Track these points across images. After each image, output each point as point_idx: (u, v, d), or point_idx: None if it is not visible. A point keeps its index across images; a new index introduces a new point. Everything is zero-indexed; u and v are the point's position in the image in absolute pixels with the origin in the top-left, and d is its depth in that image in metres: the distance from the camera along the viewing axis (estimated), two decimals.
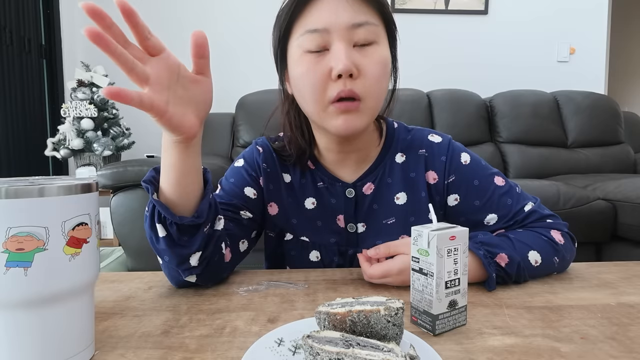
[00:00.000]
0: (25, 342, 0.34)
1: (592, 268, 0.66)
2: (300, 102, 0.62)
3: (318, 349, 0.32)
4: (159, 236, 0.51)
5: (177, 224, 0.50)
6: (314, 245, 0.70)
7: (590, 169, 2.30)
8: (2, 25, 2.08)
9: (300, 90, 0.59)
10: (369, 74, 0.56)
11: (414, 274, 0.45)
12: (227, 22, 2.62)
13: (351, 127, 0.58)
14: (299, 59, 0.58)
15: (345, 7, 0.55)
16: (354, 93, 0.56)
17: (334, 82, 0.56)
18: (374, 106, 0.59)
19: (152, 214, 0.50)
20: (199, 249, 0.52)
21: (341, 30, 0.55)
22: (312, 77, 0.57)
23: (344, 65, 0.54)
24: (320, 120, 0.60)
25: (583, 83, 2.72)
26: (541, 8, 2.78)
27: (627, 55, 4.50)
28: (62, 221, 0.34)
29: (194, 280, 0.56)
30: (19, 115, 2.21)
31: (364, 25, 0.56)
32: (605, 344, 0.41)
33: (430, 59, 2.72)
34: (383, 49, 0.59)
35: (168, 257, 0.52)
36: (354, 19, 0.55)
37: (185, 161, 0.49)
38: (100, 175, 1.48)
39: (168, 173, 0.50)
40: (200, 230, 0.52)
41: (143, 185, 0.52)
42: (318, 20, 0.56)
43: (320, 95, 0.57)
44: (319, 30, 0.55)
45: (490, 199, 0.66)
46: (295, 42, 0.58)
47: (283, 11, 0.59)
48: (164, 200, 0.51)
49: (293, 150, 0.68)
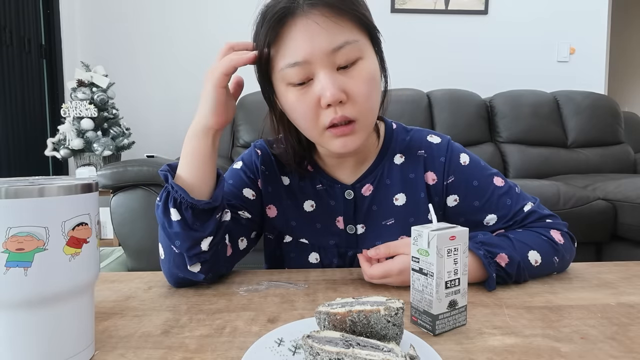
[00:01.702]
0: (25, 342, 0.34)
1: (592, 268, 0.66)
2: (293, 123, 0.61)
3: (318, 349, 0.32)
4: (172, 220, 0.53)
5: (192, 208, 0.53)
6: (313, 247, 0.70)
7: (590, 169, 2.30)
8: (2, 25, 2.08)
9: (293, 118, 0.59)
10: (359, 95, 0.55)
11: (414, 274, 0.45)
12: (222, 24, 2.62)
13: (350, 147, 0.57)
14: (285, 91, 0.56)
15: (319, 33, 0.52)
16: (346, 118, 0.55)
17: (324, 110, 0.55)
18: (369, 123, 0.59)
19: (165, 200, 0.54)
20: (211, 234, 0.55)
21: (321, 57, 0.53)
22: (303, 107, 0.56)
23: (331, 94, 0.52)
24: (318, 142, 0.61)
25: (583, 83, 2.72)
26: (541, 8, 2.78)
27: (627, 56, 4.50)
28: (62, 221, 0.34)
29: (197, 270, 0.56)
30: (19, 115, 2.21)
31: (344, 46, 0.53)
32: (605, 344, 0.41)
33: (430, 59, 2.72)
34: (369, 62, 0.56)
35: (180, 241, 0.54)
36: (331, 44, 0.53)
37: (210, 147, 0.57)
38: (100, 175, 1.48)
39: (191, 157, 0.56)
40: (213, 216, 0.56)
41: (160, 174, 0.56)
42: (295, 53, 0.53)
43: (314, 123, 0.56)
44: (299, 62, 0.53)
45: (490, 200, 0.66)
46: (278, 74, 0.56)
47: (258, 43, 0.56)
48: (182, 185, 0.55)
49: (291, 156, 0.67)
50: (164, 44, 2.61)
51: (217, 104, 0.56)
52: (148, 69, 2.62)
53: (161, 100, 2.63)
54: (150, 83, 2.63)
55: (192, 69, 2.61)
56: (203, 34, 2.62)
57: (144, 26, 2.60)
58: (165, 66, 2.62)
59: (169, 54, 2.62)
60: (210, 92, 0.55)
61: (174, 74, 2.62)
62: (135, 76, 2.60)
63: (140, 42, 2.60)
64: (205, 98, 0.56)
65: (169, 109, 2.63)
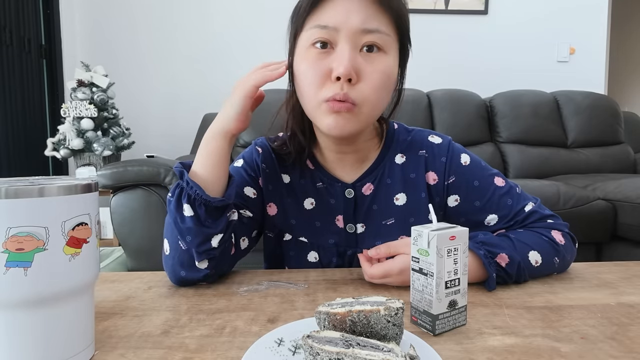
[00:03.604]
0: (25, 342, 0.34)
1: (592, 268, 0.66)
2: (298, 95, 0.62)
3: (318, 349, 0.32)
4: (185, 216, 0.55)
5: (206, 205, 0.55)
6: (312, 245, 0.70)
7: (590, 169, 2.30)
8: (2, 25, 2.08)
9: (299, 83, 0.60)
10: (369, 81, 0.56)
11: (414, 274, 0.45)
12: (225, 22, 2.62)
13: (340, 127, 0.57)
14: (305, 52, 0.58)
15: (359, 10, 0.55)
16: (348, 98, 0.55)
17: (332, 83, 0.56)
18: (368, 113, 0.58)
19: (179, 196, 0.55)
20: (221, 231, 0.57)
21: (350, 32, 0.55)
22: (313, 73, 0.57)
23: (344, 68, 0.54)
24: (312, 116, 0.61)
25: (583, 83, 2.71)
26: (541, 8, 2.78)
27: (627, 55, 4.50)
28: (62, 221, 0.34)
29: (204, 267, 0.57)
30: (19, 115, 2.21)
31: (374, 32, 0.55)
32: (605, 344, 0.41)
33: (430, 59, 2.71)
34: (390, 59, 0.58)
35: (191, 237, 0.55)
36: (365, 24, 0.55)
37: (226, 149, 0.60)
38: (100, 175, 1.48)
39: (207, 157, 0.58)
40: (225, 214, 0.57)
41: (176, 171, 0.58)
42: (330, 18, 0.56)
43: (316, 93, 0.57)
44: (329, 27, 0.55)
45: (491, 200, 0.66)
46: (305, 34, 0.58)
47: (300, 4, 0.59)
48: (197, 182, 0.56)
49: (292, 147, 0.68)
50: (164, 44, 2.61)
51: (241, 111, 0.59)
52: (148, 69, 2.62)
53: (161, 100, 2.63)
54: (150, 83, 2.62)
55: (193, 69, 2.61)
56: (203, 34, 2.62)
57: (144, 26, 2.60)
58: (165, 66, 2.62)
59: (169, 54, 2.62)
60: (239, 100, 0.59)
61: (174, 74, 2.62)
62: (135, 76, 2.60)
63: (140, 42, 2.60)
64: (231, 104, 0.60)
65: (169, 109, 2.63)
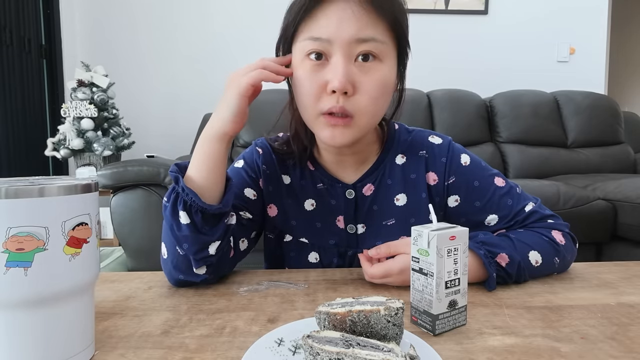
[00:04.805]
0: (25, 342, 0.34)
1: (592, 268, 0.66)
2: (296, 103, 0.62)
3: (318, 349, 0.32)
4: (181, 223, 0.53)
5: (203, 212, 0.53)
6: (312, 246, 0.70)
7: (590, 169, 2.30)
8: (2, 25, 2.08)
9: (297, 92, 0.59)
10: (365, 92, 0.55)
11: (414, 274, 0.45)
12: (224, 22, 2.62)
13: (338, 141, 0.57)
14: (300, 62, 0.57)
15: (352, 19, 0.53)
16: (345, 111, 0.55)
17: (328, 95, 0.55)
18: (366, 123, 0.58)
19: (174, 203, 0.53)
20: (219, 239, 0.55)
21: (343, 43, 0.54)
22: (309, 86, 0.56)
23: (339, 82, 0.53)
24: (311, 126, 0.61)
25: (583, 83, 2.71)
26: (541, 8, 2.78)
27: (627, 56, 4.50)
28: (62, 221, 0.34)
29: (203, 272, 0.56)
30: (19, 115, 2.21)
31: (370, 41, 0.54)
32: (605, 344, 0.41)
33: (430, 59, 2.71)
34: (386, 68, 0.57)
35: (188, 244, 0.54)
36: (359, 34, 0.53)
37: (223, 152, 0.57)
38: (100, 175, 1.48)
39: (203, 161, 0.56)
40: (222, 220, 0.55)
41: (171, 175, 0.55)
42: (322, 29, 0.54)
43: (313, 105, 0.57)
44: (322, 39, 0.54)
45: (491, 200, 0.66)
46: (299, 44, 0.57)
47: (292, 9, 0.58)
48: (192, 187, 0.54)
49: (295, 147, 0.68)
50: (164, 44, 2.61)
51: (238, 112, 0.56)
52: (148, 69, 2.62)
53: (161, 100, 2.63)
54: (151, 83, 2.62)
55: (193, 69, 2.61)
56: (203, 34, 2.62)
57: (144, 26, 2.60)
58: (165, 66, 2.62)
59: (169, 54, 2.62)
60: (234, 100, 0.55)
61: (174, 74, 2.62)
62: (135, 76, 2.60)
63: (140, 42, 2.60)
64: (227, 104, 0.56)
65: (169, 109, 2.63)
